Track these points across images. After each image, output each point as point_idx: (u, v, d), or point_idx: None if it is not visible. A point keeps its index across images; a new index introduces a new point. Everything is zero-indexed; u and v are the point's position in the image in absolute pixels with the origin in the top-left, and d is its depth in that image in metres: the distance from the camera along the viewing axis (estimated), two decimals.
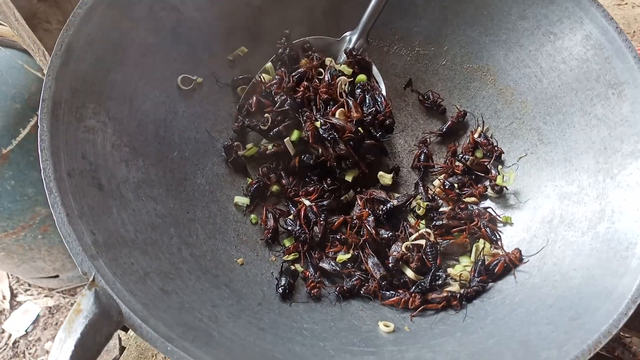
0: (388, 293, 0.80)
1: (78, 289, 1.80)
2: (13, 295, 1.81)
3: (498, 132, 0.97)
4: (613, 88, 0.79)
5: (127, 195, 0.70)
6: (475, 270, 0.80)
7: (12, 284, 1.84)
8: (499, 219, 0.89)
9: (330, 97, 0.89)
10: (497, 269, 0.80)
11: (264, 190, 0.92)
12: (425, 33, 1.01)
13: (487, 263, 0.81)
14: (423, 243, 0.82)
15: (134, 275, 0.60)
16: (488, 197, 0.93)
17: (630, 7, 1.46)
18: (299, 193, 0.92)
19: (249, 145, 0.95)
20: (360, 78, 0.92)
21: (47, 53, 0.92)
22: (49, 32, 0.90)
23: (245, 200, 0.90)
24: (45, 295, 1.80)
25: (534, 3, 0.87)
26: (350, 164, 0.91)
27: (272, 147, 0.93)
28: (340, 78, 0.90)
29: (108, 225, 0.64)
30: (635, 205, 0.70)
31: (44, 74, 0.65)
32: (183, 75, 0.87)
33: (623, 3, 1.47)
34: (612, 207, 0.74)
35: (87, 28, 0.70)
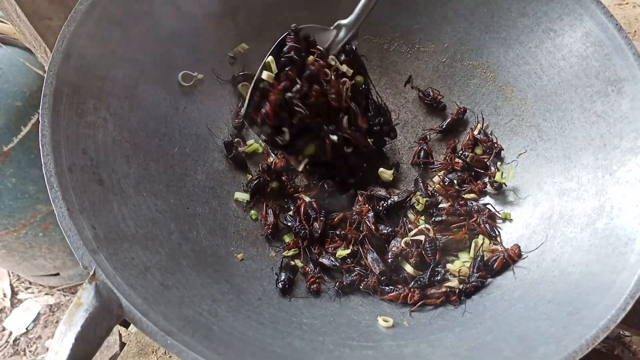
0: (387, 288, 0.81)
1: (79, 287, 1.80)
2: (14, 293, 1.81)
3: (498, 129, 0.97)
4: (612, 85, 0.79)
5: (127, 191, 0.71)
6: (474, 266, 0.81)
7: (12, 282, 1.84)
8: (498, 215, 0.89)
9: (339, 105, 0.86)
10: (496, 265, 0.80)
11: (264, 187, 0.92)
12: (426, 30, 1.01)
13: (486, 259, 0.82)
14: (422, 239, 0.83)
15: (135, 270, 0.61)
16: (487, 193, 0.93)
17: (631, 6, 1.46)
18: (299, 190, 0.92)
19: (250, 142, 0.95)
20: (359, 81, 0.90)
21: (48, 50, 0.93)
22: (51, 28, 0.91)
23: (246, 196, 0.90)
24: (46, 293, 1.80)
25: (534, 0, 0.87)
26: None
27: (276, 158, 0.93)
28: (345, 82, 0.87)
29: (109, 220, 0.64)
30: (634, 202, 0.71)
31: (45, 72, 0.66)
32: (184, 72, 0.88)
33: (624, 3, 1.47)
34: (611, 203, 0.74)
35: (88, 24, 0.70)
